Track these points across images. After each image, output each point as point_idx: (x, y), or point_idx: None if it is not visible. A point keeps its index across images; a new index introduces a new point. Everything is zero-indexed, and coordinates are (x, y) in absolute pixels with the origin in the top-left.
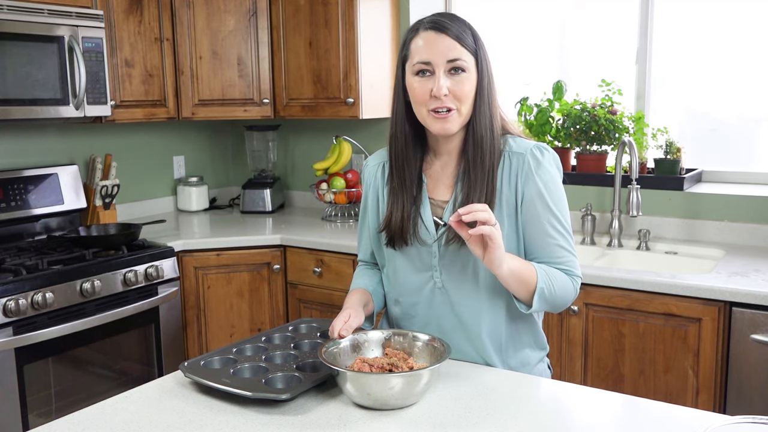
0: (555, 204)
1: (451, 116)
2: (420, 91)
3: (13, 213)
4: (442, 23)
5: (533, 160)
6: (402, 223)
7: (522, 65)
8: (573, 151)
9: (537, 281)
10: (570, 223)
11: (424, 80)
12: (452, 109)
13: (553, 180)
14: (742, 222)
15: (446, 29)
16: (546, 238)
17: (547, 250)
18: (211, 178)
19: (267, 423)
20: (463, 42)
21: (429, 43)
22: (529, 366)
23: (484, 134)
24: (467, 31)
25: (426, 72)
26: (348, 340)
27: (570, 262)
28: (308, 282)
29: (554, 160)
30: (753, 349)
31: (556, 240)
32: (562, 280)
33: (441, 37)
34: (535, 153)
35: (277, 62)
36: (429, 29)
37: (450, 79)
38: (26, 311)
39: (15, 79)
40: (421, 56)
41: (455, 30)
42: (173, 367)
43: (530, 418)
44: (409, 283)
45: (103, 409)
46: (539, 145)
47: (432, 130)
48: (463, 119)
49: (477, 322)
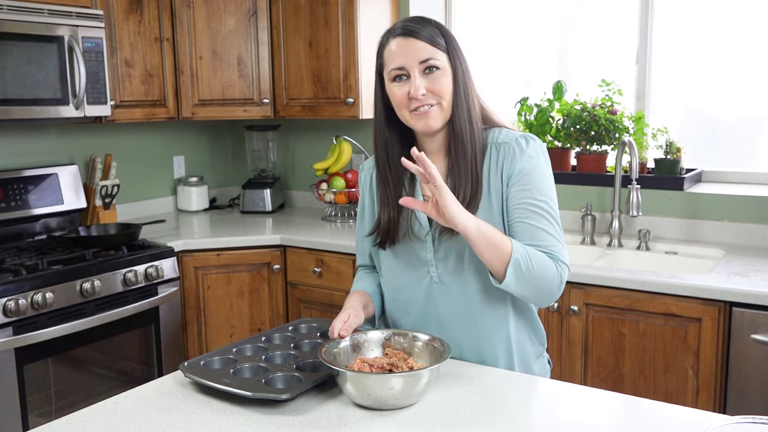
0: (539, 189)
1: (432, 111)
2: (399, 95)
3: (13, 213)
4: (410, 28)
5: (518, 147)
6: (389, 225)
7: (522, 65)
8: (573, 151)
9: (512, 251)
10: (558, 212)
11: (402, 84)
12: (433, 105)
13: (538, 165)
14: (742, 222)
15: (416, 33)
16: (529, 222)
17: (530, 234)
18: (211, 178)
19: (267, 423)
20: (433, 42)
21: (400, 49)
22: (528, 362)
23: (463, 126)
24: (435, 31)
25: (402, 77)
26: (348, 340)
27: (555, 247)
28: (308, 282)
29: (540, 148)
30: (753, 349)
31: (540, 224)
32: (543, 259)
33: (411, 41)
34: (520, 141)
35: (277, 62)
36: (398, 36)
37: (426, 78)
38: (26, 311)
39: (15, 79)
40: (394, 62)
41: (425, 33)
42: (173, 367)
43: (530, 418)
44: (406, 281)
45: (103, 409)
46: (525, 135)
47: (416, 129)
48: (445, 114)
49: (475, 314)
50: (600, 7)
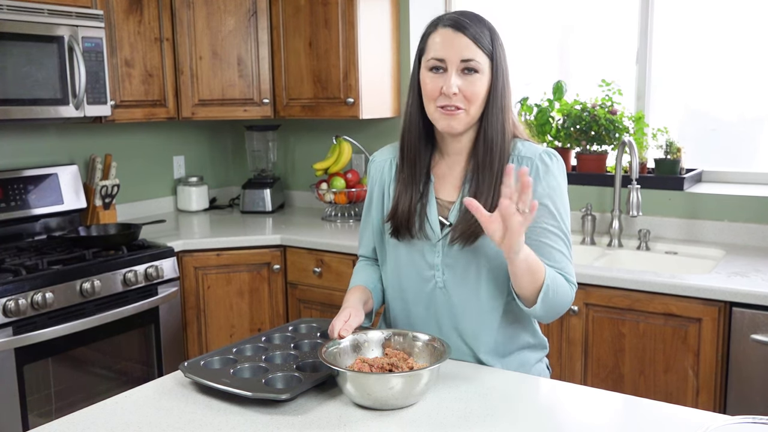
0: (558, 210)
1: (459, 115)
2: (431, 87)
3: (13, 213)
4: (461, 22)
5: (542, 165)
6: (408, 215)
7: (522, 65)
8: (573, 151)
9: (545, 277)
10: (570, 232)
11: (437, 77)
12: (461, 108)
13: (559, 186)
14: (742, 222)
15: (464, 29)
16: (547, 242)
17: (546, 254)
18: (211, 178)
19: (267, 423)
20: (479, 43)
21: (445, 41)
22: (527, 366)
23: (495, 137)
24: (485, 32)
25: (439, 69)
26: (348, 340)
27: (568, 269)
28: (308, 282)
29: (562, 167)
30: (753, 349)
31: (557, 245)
32: (563, 284)
33: (458, 36)
34: (544, 158)
35: (277, 62)
36: (447, 26)
37: (462, 78)
38: (26, 311)
39: (15, 79)
40: (436, 52)
41: (473, 30)
42: (173, 367)
43: (530, 419)
44: (410, 281)
45: (103, 409)
46: (548, 151)
47: (438, 126)
48: (470, 120)
49: (476, 324)
50: (600, 7)
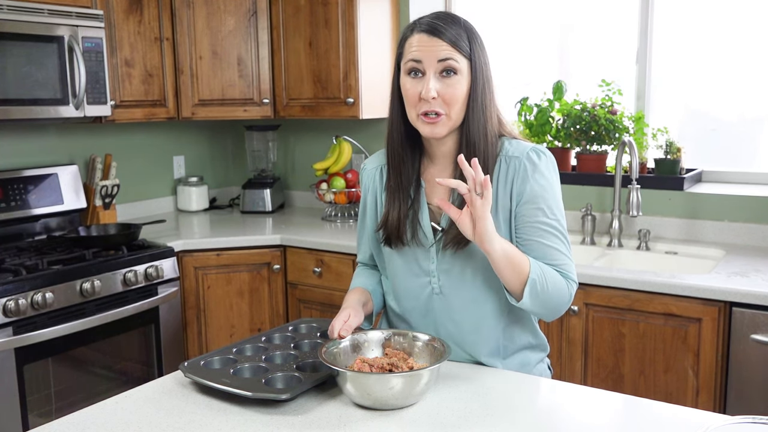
0: (551, 208)
1: (440, 121)
2: (411, 92)
3: (13, 213)
4: (437, 27)
5: (530, 164)
6: (398, 223)
7: (522, 65)
8: (573, 151)
9: (530, 271)
10: (566, 228)
11: (416, 81)
12: (441, 114)
13: (549, 184)
14: (742, 222)
15: (440, 33)
16: (542, 241)
17: (543, 253)
18: (211, 178)
19: (267, 423)
20: (456, 46)
21: (421, 45)
22: (528, 366)
23: (477, 139)
24: (463, 35)
25: (418, 72)
26: (348, 340)
27: (566, 266)
28: (308, 282)
29: (551, 163)
30: (753, 349)
31: (553, 243)
32: (557, 280)
33: (434, 41)
34: (532, 156)
35: (277, 62)
36: (423, 32)
37: (440, 81)
38: (26, 311)
39: (15, 79)
40: (413, 54)
41: (450, 34)
42: (173, 367)
43: (530, 419)
44: (407, 289)
45: (103, 409)
46: (536, 148)
47: (422, 132)
48: (453, 123)
49: (475, 327)
50: (600, 7)
